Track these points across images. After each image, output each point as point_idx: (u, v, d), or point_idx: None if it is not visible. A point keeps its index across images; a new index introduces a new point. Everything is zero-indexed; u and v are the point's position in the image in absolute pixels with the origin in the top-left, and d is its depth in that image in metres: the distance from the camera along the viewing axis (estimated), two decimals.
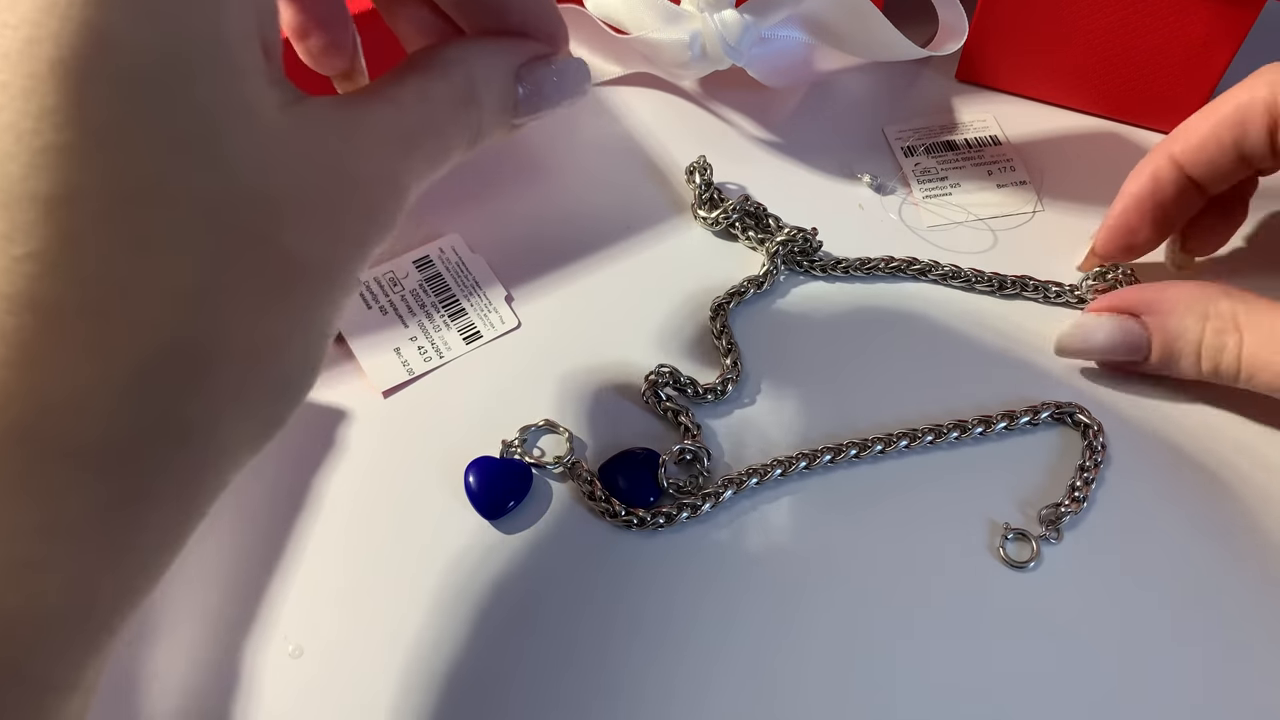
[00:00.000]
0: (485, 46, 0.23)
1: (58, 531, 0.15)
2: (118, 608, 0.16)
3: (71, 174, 0.14)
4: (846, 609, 0.28)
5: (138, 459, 0.16)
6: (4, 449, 0.14)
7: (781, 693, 0.27)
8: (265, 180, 0.17)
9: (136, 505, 0.16)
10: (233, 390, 0.17)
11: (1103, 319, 0.31)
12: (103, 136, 0.15)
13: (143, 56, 0.15)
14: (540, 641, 0.27)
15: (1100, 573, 0.29)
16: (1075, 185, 0.38)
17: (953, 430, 0.31)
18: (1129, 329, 0.31)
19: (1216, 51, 0.36)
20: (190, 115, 0.16)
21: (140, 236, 0.15)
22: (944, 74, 0.42)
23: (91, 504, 0.15)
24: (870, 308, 0.35)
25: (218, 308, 0.16)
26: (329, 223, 0.18)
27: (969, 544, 0.29)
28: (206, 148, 0.16)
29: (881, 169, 0.39)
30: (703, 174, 0.37)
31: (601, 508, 0.29)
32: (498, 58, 0.23)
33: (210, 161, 0.16)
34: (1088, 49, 0.38)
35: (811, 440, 0.31)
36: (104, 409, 0.15)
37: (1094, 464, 0.30)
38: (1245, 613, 0.28)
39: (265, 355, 0.17)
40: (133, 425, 0.15)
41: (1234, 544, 0.29)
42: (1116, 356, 0.31)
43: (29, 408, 0.14)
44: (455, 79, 0.21)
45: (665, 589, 0.28)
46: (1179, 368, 0.31)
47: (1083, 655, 0.27)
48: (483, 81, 0.22)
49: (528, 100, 0.24)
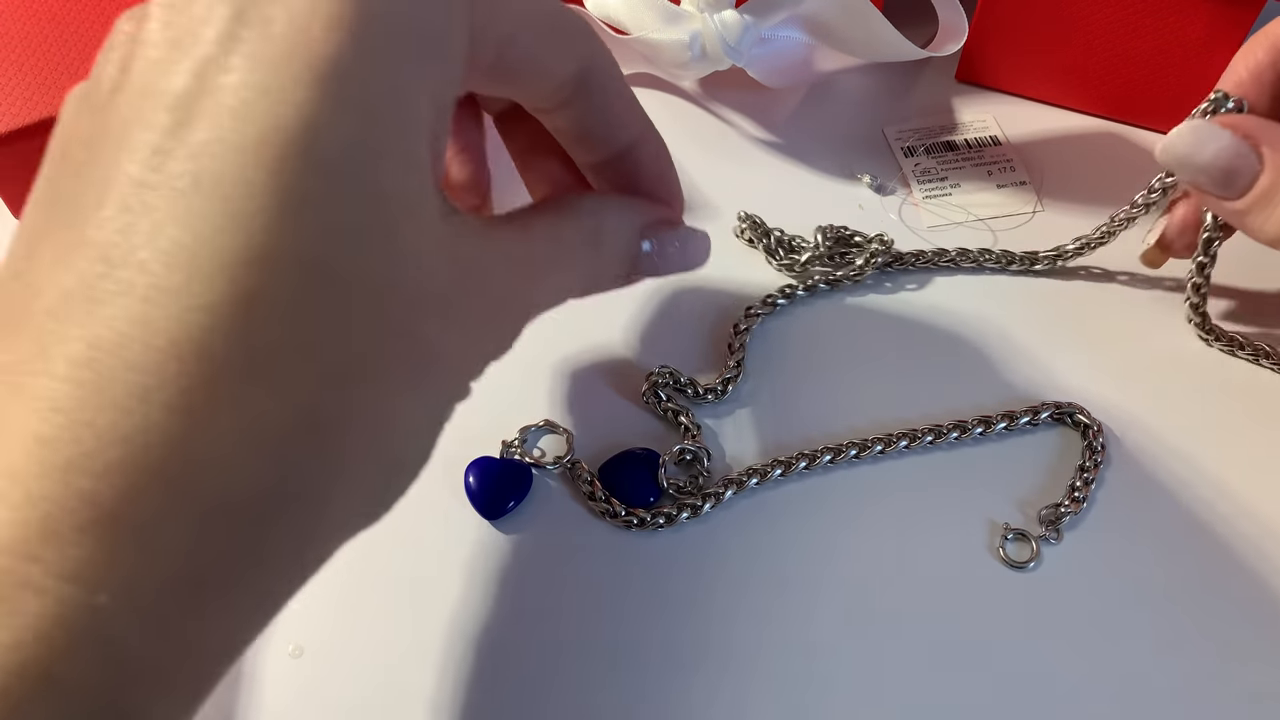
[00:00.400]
0: (618, 202, 0.25)
1: (183, 581, 0.15)
2: (219, 665, 0.16)
3: (257, 239, 0.15)
4: (846, 609, 0.28)
5: (265, 521, 0.16)
6: (149, 491, 0.14)
7: (781, 692, 0.27)
8: (424, 276, 0.18)
9: (256, 566, 0.16)
10: (358, 465, 0.17)
11: (1223, 131, 0.28)
12: (294, 211, 0.16)
13: (340, 143, 0.16)
14: (540, 642, 0.27)
15: (1100, 573, 0.29)
16: (1075, 185, 0.38)
17: (953, 430, 0.31)
18: (1245, 152, 0.28)
19: (1216, 51, 0.36)
20: (374, 204, 0.17)
21: (309, 308, 0.16)
22: (944, 74, 0.42)
23: (218, 558, 0.15)
24: (870, 308, 0.35)
25: (362, 385, 0.17)
26: (466, 327, 0.19)
27: (969, 544, 0.29)
28: (383, 236, 0.17)
29: (881, 169, 0.39)
30: (756, 228, 0.36)
31: (601, 508, 0.29)
32: (627, 214, 0.25)
33: (384, 249, 0.17)
34: (1088, 49, 0.38)
35: (811, 440, 0.31)
36: (244, 467, 0.15)
37: (1094, 464, 0.30)
38: (1245, 613, 0.28)
39: (391, 436, 0.18)
40: (267, 487, 0.16)
41: (1234, 544, 0.29)
42: (1214, 178, 0.28)
43: (177, 455, 0.15)
44: (586, 225, 0.23)
45: (665, 589, 0.28)
46: (1266, 216, 0.28)
47: (1083, 655, 0.27)
48: (610, 233, 0.24)
49: (648, 260, 0.26)
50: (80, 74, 0.29)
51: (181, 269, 0.15)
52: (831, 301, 0.35)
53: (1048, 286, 0.35)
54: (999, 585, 0.28)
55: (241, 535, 0.15)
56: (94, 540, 0.14)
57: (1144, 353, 0.33)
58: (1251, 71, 0.30)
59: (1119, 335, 0.34)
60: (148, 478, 0.14)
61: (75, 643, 0.14)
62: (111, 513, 0.14)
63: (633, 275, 0.26)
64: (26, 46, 0.30)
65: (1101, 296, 0.35)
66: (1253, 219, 0.28)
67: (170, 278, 0.15)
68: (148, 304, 0.15)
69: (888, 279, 0.35)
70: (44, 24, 0.31)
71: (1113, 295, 0.35)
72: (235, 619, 0.16)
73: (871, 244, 0.35)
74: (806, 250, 0.35)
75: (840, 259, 0.35)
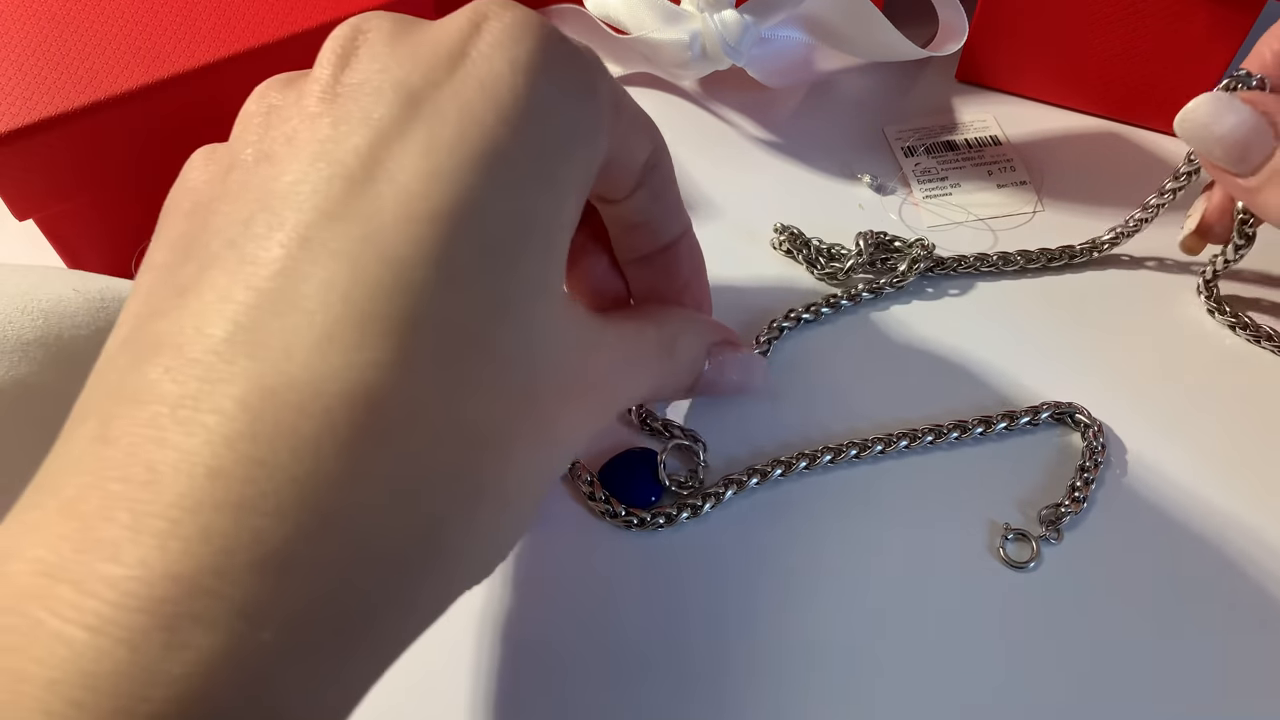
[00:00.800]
0: (691, 317, 0.27)
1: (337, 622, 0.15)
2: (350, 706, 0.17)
3: (420, 303, 0.16)
4: (846, 609, 0.28)
5: (412, 570, 0.16)
6: (317, 535, 0.15)
7: (781, 691, 0.27)
8: (551, 356, 0.19)
9: (398, 613, 0.17)
10: (487, 523, 0.18)
11: (1243, 105, 0.28)
12: (456, 283, 0.17)
13: (503, 226, 0.17)
14: (539, 641, 0.27)
15: (1100, 573, 0.29)
16: (1075, 185, 0.38)
17: (953, 430, 0.31)
18: (1262, 128, 0.28)
19: (1216, 51, 0.36)
20: (520, 283, 0.18)
21: (461, 374, 0.17)
22: (944, 74, 0.42)
23: (369, 603, 0.16)
24: (869, 308, 0.35)
25: (496, 450, 0.18)
26: (574, 406, 0.21)
27: (969, 544, 0.29)
28: (524, 315, 0.18)
29: (881, 169, 0.39)
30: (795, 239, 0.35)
31: (601, 508, 0.29)
32: (700, 329, 0.27)
33: (524, 328, 0.18)
34: (1088, 49, 0.38)
35: (812, 440, 0.31)
36: (399, 517, 0.16)
37: (1094, 464, 0.30)
38: (1245, 613, 0.28)
39: (516, 501, 0.19)
40: (417, 537, 0.16)
41: (1234, 544, 0.29)
42: (1228, 152, 0.28)
43: (343, 501, 0.15)
44: (665, 334, 0.26)
45: (665, 589, 0.28)
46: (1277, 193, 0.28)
47: (1083, 655, 0.27)
48: (684, 346, 0.26)
49: (709, 377, 0.27)
50: (80, 74, 0.29)
51: (353, 323, 0.16)
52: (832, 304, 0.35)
53: (1048, 286, 0.35)
54: (999, 585, 0.28)
55: (391, 583, 0.16)
56: (261, 578, 0.14)
57: (1145, 353, 0.33)
58: (1276, 54, 0.30)
59: (1119, 335, 0.34)
60: (316, 522, 0.15)
61: (241, 678, 0.14)
62: (279, 552, 0.14)
63: (693, 390, 0.28)
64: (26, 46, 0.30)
65: (1101, 296, 0.35)
66: (1264, 196, 0.28)
67: (341, 330, 0.16)
68: (319, 354, 0.15)
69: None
70: (44, 24, 0.31)
71: (1113, 295, 0.35)
72: (372, 663, 0.17)
73: (913, 249, 0.35)
74: (849, 258, 0.35)
75: (881, 265, 0.35)
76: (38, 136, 0.28)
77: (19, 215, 0.30)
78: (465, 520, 0.17)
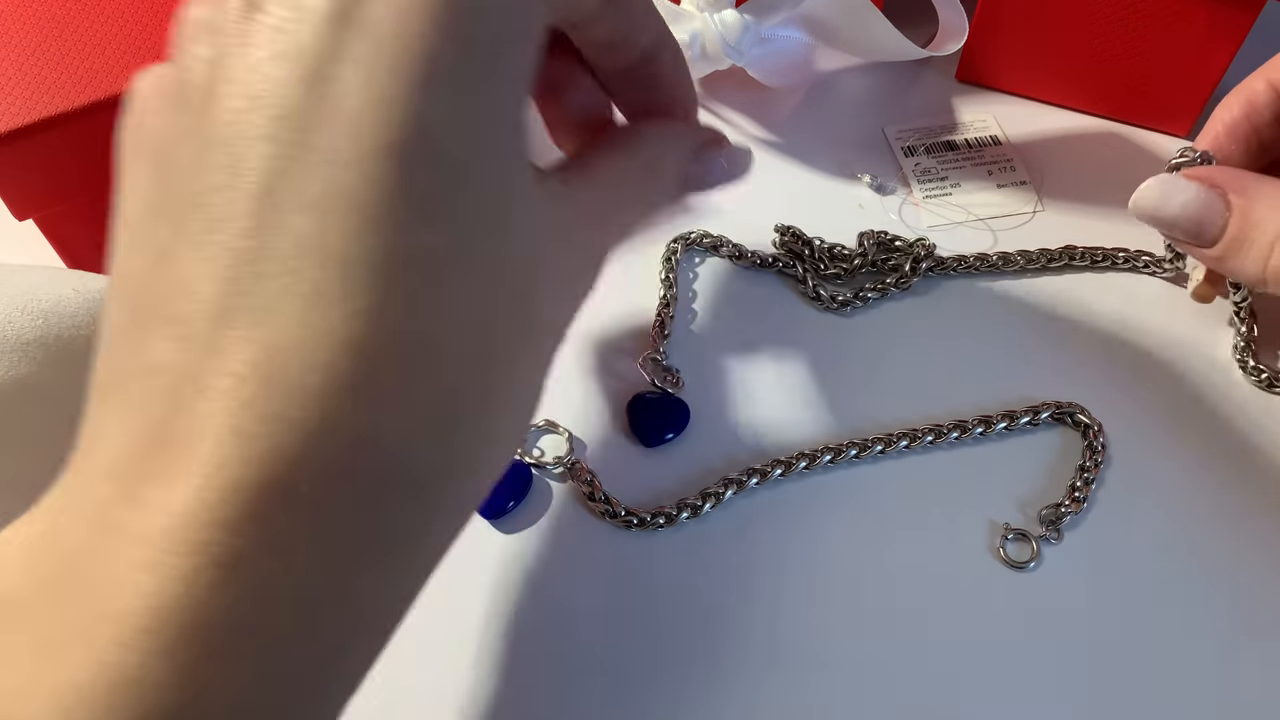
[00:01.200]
0: (669, 130, 0.26)
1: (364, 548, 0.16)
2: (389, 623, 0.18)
3: (396, 239, 0.16)
4: (846, 609, 0.28)
5: (434, 494, 0.17)
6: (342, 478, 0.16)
7: (781, 691, 0.27)
8: (529, 249, 0.19)
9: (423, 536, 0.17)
10: (485, 437, 0.18)
11: (1189, 183, 0.29)
12: (423, 211, 0.17)
13: (455, 140, 0.17)
14: (539, 641, 0.27)
15: (1100, 573, 0.29)
16: (1075, 185, 0.38)
17: (953, 430, 0.31)
18: (1211, 202, 0.28)
19: (1216, 51, 0.36)
20: (488, 191, 0.18)
21: (448, 299, 0.17)
22: (944, 74, 0.42)
23: (395, 529, 0.17)
24: (869, 308, 0.35)
25: (496, 365, 0.18)
26: (562, 285, 0.21)
27: (969, 544, 0.29)
28: (498, 220, 0.18)
29: (881, 169, 0.39)
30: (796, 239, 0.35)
31: (602, 508, 0.29)
32: (679, 141, 0.26)
33: (500, 232, 0.18)
34: (1088, 49, 0.38)
35: (812, 440, 0.31)
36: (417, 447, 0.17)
37: (1094, 464, 0.30)
38: (1245, 613, 0.28)
39: (508, 404, 0.19)
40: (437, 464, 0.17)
41: (1234, 543, 0.29)
42: (1184, 229, 0.29)
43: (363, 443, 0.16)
44: (647, 157, 0.25)
45: (665, 589, 0.28)
46: (1242, 259, 0.28)
47: (1083, 655, 0.27)
48: (669, 158, 0.25)
49: (697, 179, 0.27)
50: (80, 74, 0.29)
51: (336, 272, 0.16)
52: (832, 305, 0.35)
53: (1048, 286, 0.35)
54: (999, 585, 0.28)
55: (414, 508, 0.17)
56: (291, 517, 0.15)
57: (1145, 352, 0.33)
58: (1227, 126, 0.31)
59: (1119, 334, 0.34)
60: (339, 467, 0.16)
61: (277, 608, 0.15)
62: (309, 496, 0.15)
63: (686, 195, 0.27)
64: (26, 46, 0.30)
65: (1101, 296, 0.35)
66: (1231, 264, 0.29)
67: (328, 281, 0.16)
68: (312, 307, 0.16)
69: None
70: (44, 24, 0.31)
71: (1113, 294, 0.35)
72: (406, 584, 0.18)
73: (914, 249, 0.35)
74: (851, 258, 0.35)
75: (881, 264, 0.35)
76: (38, 136, 0.28)
77: (19, 215, 0.30)
78: (482, 441, 0.18)
